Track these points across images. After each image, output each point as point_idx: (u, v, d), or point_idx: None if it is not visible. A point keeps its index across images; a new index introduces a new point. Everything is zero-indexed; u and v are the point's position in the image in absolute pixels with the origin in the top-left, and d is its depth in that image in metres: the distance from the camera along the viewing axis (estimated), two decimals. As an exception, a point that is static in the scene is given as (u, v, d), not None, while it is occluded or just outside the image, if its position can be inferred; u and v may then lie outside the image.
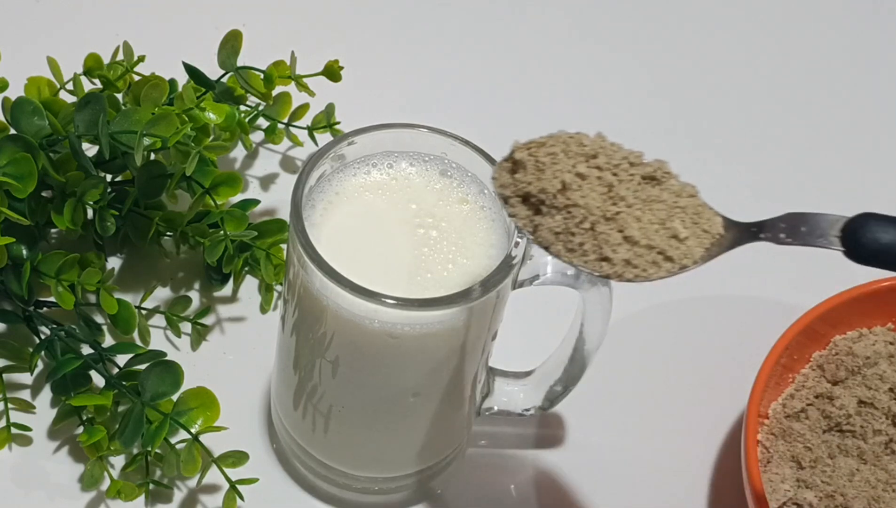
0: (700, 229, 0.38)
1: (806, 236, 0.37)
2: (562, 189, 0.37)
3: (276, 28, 0.71)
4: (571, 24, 0.76)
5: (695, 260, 0.38)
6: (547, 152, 0.38)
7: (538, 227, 0.38)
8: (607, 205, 0.37)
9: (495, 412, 0.52)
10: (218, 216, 0.55)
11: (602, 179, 0.38)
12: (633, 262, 0.37)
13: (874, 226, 0.36)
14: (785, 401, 0.54)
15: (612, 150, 0.39)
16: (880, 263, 0.36)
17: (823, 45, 0.77)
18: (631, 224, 0.37)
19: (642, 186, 0.38)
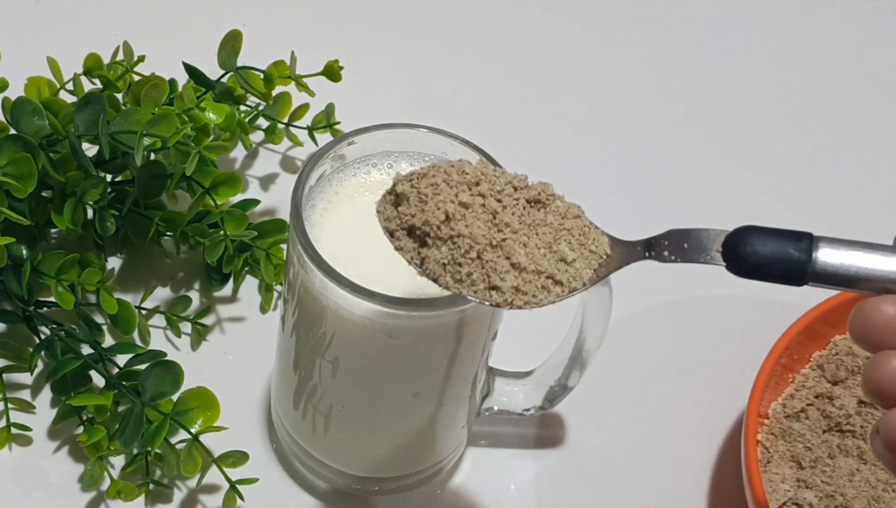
0: (587, 250, 0.38)
1: (689, 253, 0.37)
2: (445, 220, 0.37)
3: (276, 28, 0.71)
4: (571, 24, 0.76)
5: (583, 282, 0.38)
6: (428, 183, 0.37)
7: (425, 259, 0.37)
8: (493, 232, 0.37)
9: (495, 412, 0.52)
10: (218, 216, 0.55)
11: (486, 207, 0.37)
12: (523, 289, 0.37)
13: (754, 239, 0.35)
14: (785, 401, 0.54)
15: (494, 176, 0.38)
16: (761, 275, 0.35)
17: (821, 47, 0.77)
18: (517, 250, 0.37)
19: (527, 210, 0.38)
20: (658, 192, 0.67)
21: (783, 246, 0.35)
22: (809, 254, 0.34)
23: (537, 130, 0.69)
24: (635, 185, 0.67)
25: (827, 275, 0.34)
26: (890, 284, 0.34)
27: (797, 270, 0.35)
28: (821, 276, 0.34)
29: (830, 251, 0.34)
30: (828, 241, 0.35)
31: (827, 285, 0.35)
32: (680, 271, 0.62)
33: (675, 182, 0.67)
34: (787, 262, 0.35)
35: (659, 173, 0.67)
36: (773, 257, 0.35)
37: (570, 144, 0.68)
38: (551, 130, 0.69)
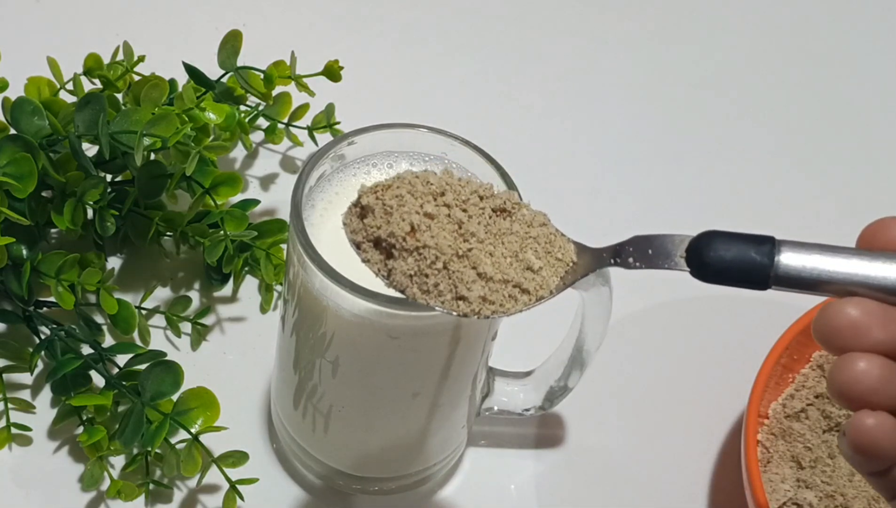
0: (553, 257, 0.38)
1: (653, 260, 0.37)
2: (411, 231, 0.37)
3: (276, 28, 0.71)
4: (571, 25, 0.76)
5: (550, 290, 0.38)
6: (393, 195, 0.37)
7: (392, 271, 0.37)
8: (458, 243, 0.37)
9: (495, 412, 0.52)
10: (218, 216, 0.55)
11: (451, 217, 0.37)
12: (490, 298, 0.37)
13: (716, 244, 0.35)
14: (785, 401, 0.54)
15: (459, 186, 0.38)
16: (724, 280, 0.35)
17: (819, 47, 0.77)
18: (484, 260, 0.37)
19: (493, 219, 0.38)
20: (657, 191, 0.67)
21: (745, 251, 0.35)
22: (772, 258, 0.34)
23: (537, 129, 0.69)
24: (633, 184, 0.67)
25: (790, 278, 0.34)
26: (853, 286, 0.33)
27: (760, 274, 0.34)
28: (783, 279, 0.34)
29: (793, 255, 0.34)
30: (790, 244, 0.34)
31: (790, 288, 0.34)
32: (680, 271, 0.62)
33: (674, 182, 0.67)
34: (750, 266, 0.34)
35: (658, 173, 0.67)
36: (735, 261, 0.35)
37: (569, 144, 0.69)
38: (551, 129, 0.69)
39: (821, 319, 0.33)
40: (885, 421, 0.32)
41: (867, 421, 0.32)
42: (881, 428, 0.32)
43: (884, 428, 0.32)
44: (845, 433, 0.33)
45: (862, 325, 0.33)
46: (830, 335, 0.33)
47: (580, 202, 0.65)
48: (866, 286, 0.33)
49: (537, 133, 0.69)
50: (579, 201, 0.65)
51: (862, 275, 0.33)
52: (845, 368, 0.32)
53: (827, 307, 0.33)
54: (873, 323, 0.33)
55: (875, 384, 0.32)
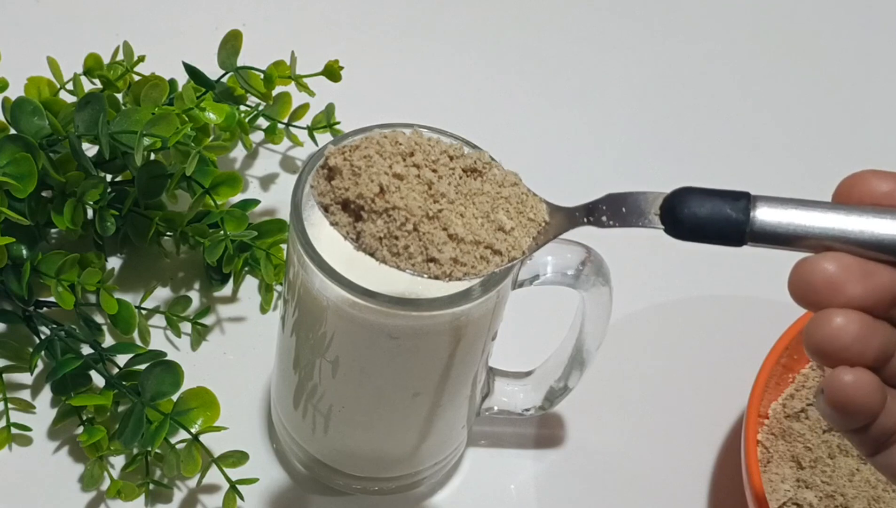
0: (525, 218, 0.38)
1: (627, 218, 0.36)
2: (380, 192, 0.36)
3: (276, 28, 0.71)
4: (571, 25, 0.76)
5: (522, 251, 0.37)
6: (361, 155, 0.36)
7: (361, 233, 0.37)
8: (429, 204, 0.36)
9: (495, 412, 0.52)
10: (218, 216, 0.55)
11: (421, 177, 0.37)
12: (461, 260, 0.36)
13: (691, 200, 0.34)
14: (785, 401, 0.54)
15: (429, 145, 0.37)
16: (698, 237, 0.34)
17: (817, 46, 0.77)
18: (454, 221, 0.36)
19: (464, 179, 0.37)
20: (658, 189, 0.67)
21: (720, 207, 0.34)
22: (747, 214, 0.33)
23: (537, 129, 0.69)
24: (633, 183, 0.66)
25: (766, 234, 0.33)
26: (829, 240, 0.33)
27: (735, 230, 0.34)
28: (759, 235, 0.33)
29: (768, 210, 0.33)
30: (765, 200, 0.34)
31: (766, 244, 0.34)
32: (680, 271, 0.62)
33: (677, 182, 0.67)
34: (725, 222, 0.34)
35: (661, 173, 0.67)
36: (710, 218, 0.34)
37: (569, 144, 0.68)
38: (551, 129, 0.69)
39: (796, 274, 0.32)
40: (862, 377, 0.32)
41: (845, 377, 0.32)
42: (859, 384, 0.32)
43: (862, 384, 0.32)
44: (823, 390, 0.32)
45: (838, 280, 0.32)
46: (806, 291, 0.32)
47: (579, 201, 0.64)
48: (843, 241, 0.33)
49: (538, 133, 0.69)
50: (578, 200, 0.64)
51: (838, 229, 0.33)
52: (822, 324, 0.32)
53: (802, 262, 0.32)
54: (850, 278, 0.32)
55: (852, 339, 0.31)
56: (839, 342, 0.32)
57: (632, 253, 0.61)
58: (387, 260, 0.36)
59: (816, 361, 0.33)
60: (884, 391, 0.32)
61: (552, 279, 0.45)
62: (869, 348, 0.32)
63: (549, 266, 0.45)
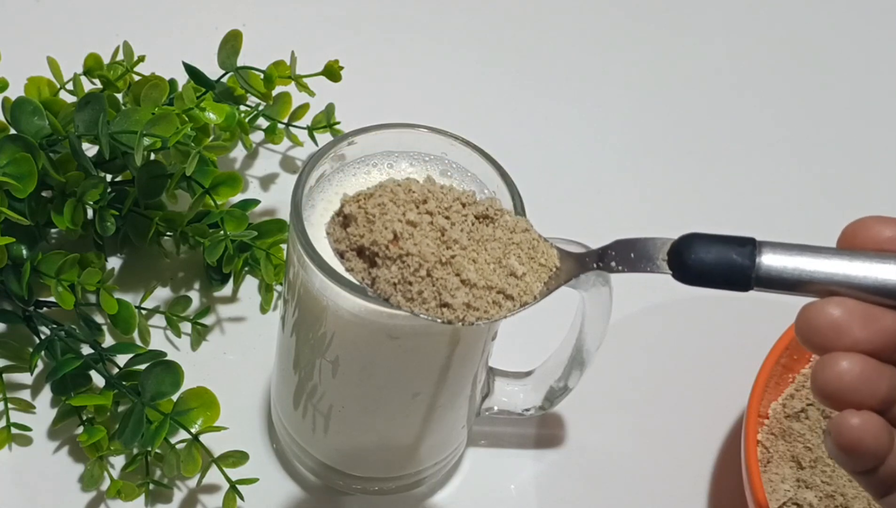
0: (536, 263, 0.38)
1: (635, 263, 0.37)
2: (393, 239, 0.37)
3: (276, 28, 0.71)
4: (571, 25, 0.76)
5: (534, 296, 0.38)
6: (376, 203, 0.37)
7: (375, 279, 0.37)
8: (441, 250, 0.37)
9: (495, 412, 0.52)
10: (218, 216, 0.55)
11: (434, 224, 0.37)
12: (474, 305, 0.37)
13: (698, 246, 0.35)
14: (785, 401, 0.54)
15: (441, 193, 0.38)
16: (705, 282, 0.35)
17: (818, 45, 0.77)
18: (467, 267, 0.37)
19: (476, 226, 0.38)
20: (656, 190, 0.67)
21: (726, 252, 0.34)
22: (753, 259, 0.34)
23: (537, 129, 0.69)
24: (632, 184, 0.67)
25: (771, 279, 0.34)
26: (834, 285, 0.33)
27: (741, 275, 0.34)
28: (765, 281, 0.34)
29: (774, 256, 0.34)
30: (771, 245, 0.34)
31: (772, 289, 0.34)
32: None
33: (675, 182, 0.67)
34: (731, 268, 0.34)
35: (658, 174, 0.67)
36: (716, 263, 0.35)
37: (569, 144, 0.68)
38: (551, 129, 0.69)
39: (802, 318, 0.33)
40: (868, 420, 0.32)
41: (851, 421, 0.32)
42: (865, 427, 0.32)
43: (868, 427, 0.32)
44: (829, 432, 0.33)
45: (843, 324, 0.32)
46: (812, 335, 0.33)
47: (579, 201, 0.65)
48: (847, 286, 0.33)
49: (538, 132, 0.69)
50: (578, 200, 0.65)
51: (843, 274, 0.33)
52: (827, 367, 0.32)
53: (808, 307, 0.33)
54: (854, 322, 0.32)
55: (857, 382, 0.32)
56: (844, 385, 0.32)
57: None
58: (401, 305, 0.37)
59: (823, 403, 0.33)
60: (891, 433, 0.33)
61: (552, 279, 0.45)
62: (875, 391, 0.32)
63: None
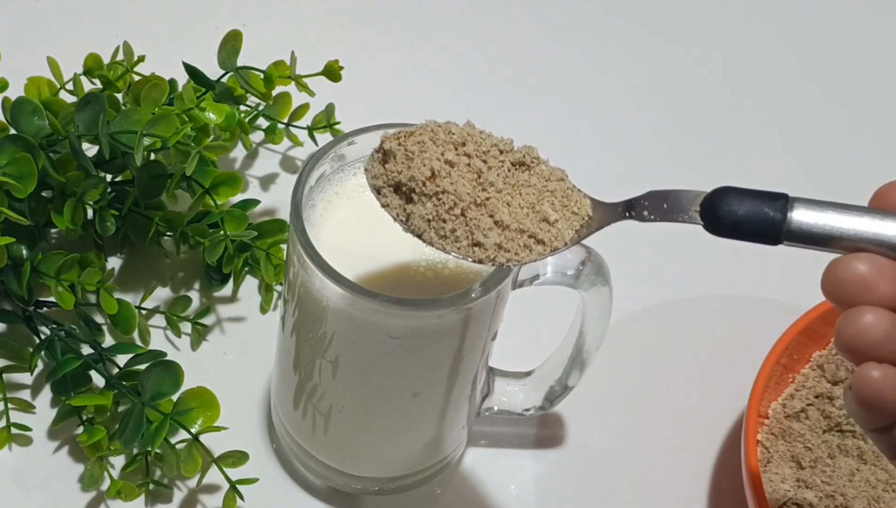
0: (569, 211, 0.39)
1: (668, 213, 0.37)
2: (431, 176, 0.37)
3: (276, 28, 0.71)
4: (571, 24, 0.76)
5: (565, 242, 0.39)
6: (416, 141, 0.38)
7: (410, 215, 0.38)
8: (477, 191, 0.37)
9: (495, 412, 0.52)
10: (218, 216, 0.55)
11: (471, 166, 0.38)
12: (505, 246, 0.37)
13: (731, 198, 0.36)
14: (785, 401, 0.54)
15: (480, 137, 0.39)
16: (737, 234, 0.36)
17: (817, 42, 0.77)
18: (501, 209, 0.37)
19: (512, 172, 0.39)
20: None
21: (759, 206, 0.35)
22: (784, 213, 0.35)
23: (537, 129, 0.69)
24: (631, 184, 0.67)
25: (802, 234, 0.35)
26: (863, 243, 0.34)
27: (772, 229, 0.35)
28: (796, 235, 0.35)
29: (805, 211, 0.35)
30: (803, 201, 0.35)
31: (802, 243, 0.35)
32: (680, 271, 0.62)
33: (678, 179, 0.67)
34: (763, 221, 0.35)
35: (658, 176, 0.67)
36: (749, 216, 0.35)
37: (569, 143, 0.68)
38: (552, 128, 0.69)
39: (829, 272, 0.33)
40: (890, 374, 0.32)
41: (873, 373, 0.32)
42: (886, 380, 0.32)
43: (889, 381, 0.32)
44: (851, 386, 0.33)
45: (870, 279, 0.33)
46: (839, 289, 0.33)
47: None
48: (877, 244, 0.34)
49: (538, 132, 0.68)
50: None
51: (873, 233, 0.34)
52: (852, 321, 0.32)
53: (836, 261, 0.33)
54: (881, 278, 0.33)
55: (881, 336, 0.32)
56: (868, 339, 0.32)
57: (632, 253, 0.61)
58: (434, 242, 0.38)
59: (846, 357, 0.33)
60: None
61: (552, 279, 0.45)
62: None
63: (549, 266, 0.45)
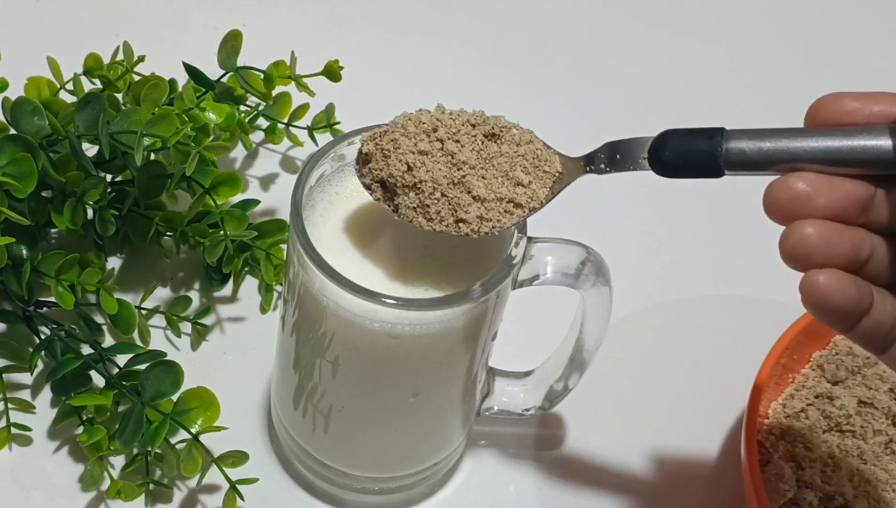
0: (541, 171, 0.41)
1: (621, 163, 0.40)
2: (408, 169, 0.40)
3: (276, 28, 0.71)
4: (570, 24, 0.76)
5: (540, 201, 0.41)
6: (389, 140, 0.41)
7: (398, 206, 0.41)
8: (453, 172, 0.40)
9: (495, 412, 0.52)
10: (218, 216, 0.55)
11: (444, 150, 0.41)
12: (486, 216, 0.40)
13: (672, 141, 0.38)
14: (785, 401, 0.54)
15: (450, 119, 0.42)
16: (681, 173, 0.37)
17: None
18: (476, 184, 0.40)
19: (485, 144, 0.41)
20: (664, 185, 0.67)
21: (697, 143, 0.37)
22: (721, 146, 0.36)
23: (538, 128, 0.69)
24: (634, 183, 0.67)
25: (740, 162, 0.36)
26: (799, 161, 0.36)
27: (712, 162, 0.37)
28: (735, 164, 0.36)
29: (740, 141, 0.36)
30: (737, 132, 0.37)
31: (743, 171, 0.36)
32: (680, 271, 0.62)
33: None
34: (702, 156, 0.37)
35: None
36: (689, 154, 0.37)
37: (570, 142, 0.68)
38: (552, 128, 0.69)
39: (767, 194, 0.36)
40: (832, 276, 0.34)
41: (817, 278, 0.34)
42: (829, 283, 0.34)
43: (832, 283, 0.34)
44: (801, 291, 0.35)
45: (805, 195, 0.35)
46: (777, 208, 0.35)
47: (579, 201, 0.64)
48: (811, 160, 0.36)
49: (539, 130, 0.69)
50: (578, 200, 0.65)
51: (805, 149, 0.36)
52: (791, 234, 0.35)
53: (772, 184, 0.36)
54: (816, 192, 0.35)
55: (820, 243, 0.35)
56: (808, 248, 0.35)
57: (632, 253, 0.61)
58: (423, 226, 0.41)
59: (791, 266, 0.35)
60: (861, 287, 0.35)
61: (552, 279, 0.45)
62: (838, 250, 0.35)
63: (549, 266, 0.45)
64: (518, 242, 0.42)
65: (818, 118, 0.36)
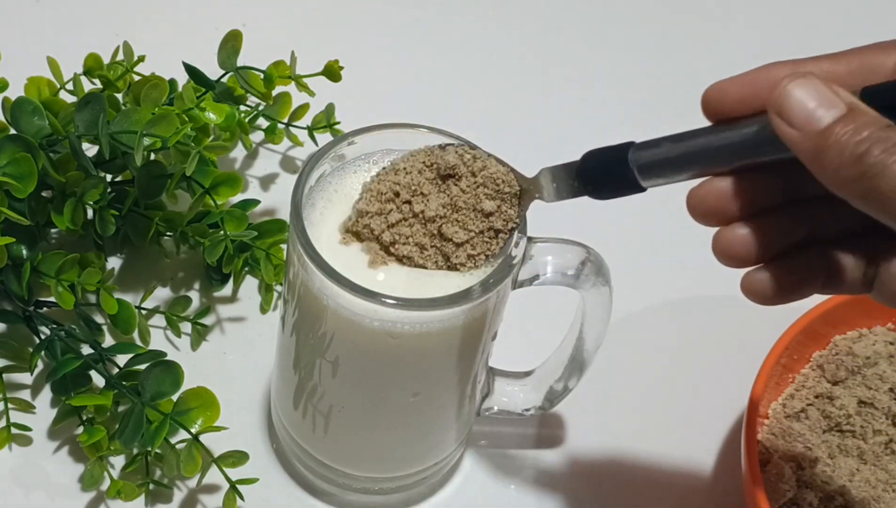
0: (502, 193, 0.42)
1: (560, 193, 0.40)
2: (392, 244, 0.42)
3: (276, 28, 0.71)
4: (570, 25, 0.76)
5: (514, 220, 0.42)
6: (363, 225, 0.42)
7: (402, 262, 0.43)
8: (430, 228, 0.42)
9: (495, 412, 0.52)
10: (218, 216, 0.55)
11: (413, 210, 0.42)
12: (474, 253, 0.42)
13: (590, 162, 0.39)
14: (785, 401, 0.54)
15: (406, 174, 0.42)
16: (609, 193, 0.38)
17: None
18: (454, 231, 0.42)
19: (447, 185, 0.42)
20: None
21: (609, 163, 0.38)
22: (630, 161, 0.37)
23: (537, 128, 0.69)
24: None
25: (652, 173, 0.37)
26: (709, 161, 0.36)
27: (628, 179, 0.37)
28: (648, 176, 0.37)
29: (647, 152, 0.37)
30: (644, 143, 0.37)
31: (659, 180, 0.37)
32: (680, 271, 0.62)
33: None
34: (616, 174, 0.37)
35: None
36: (606, 175, 0.38)
37: (569, 142, 0.68)
38: (552, 128, 0.69)
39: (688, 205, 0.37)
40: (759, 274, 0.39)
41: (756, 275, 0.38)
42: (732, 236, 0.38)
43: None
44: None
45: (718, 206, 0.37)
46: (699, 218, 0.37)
47: (580, 200, 0.64)
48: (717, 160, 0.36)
49: (538, 131, 0.69)
50: (579, 199, 0.65)
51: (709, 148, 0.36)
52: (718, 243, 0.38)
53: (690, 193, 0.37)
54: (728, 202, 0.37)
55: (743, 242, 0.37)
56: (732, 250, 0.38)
57: (632, 253, 0.61)
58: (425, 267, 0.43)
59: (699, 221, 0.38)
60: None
61: (552, 279, 0.45)
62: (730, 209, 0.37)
63: (549, 266, 0.45)
64: (518, 242, 0.42)
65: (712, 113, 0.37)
